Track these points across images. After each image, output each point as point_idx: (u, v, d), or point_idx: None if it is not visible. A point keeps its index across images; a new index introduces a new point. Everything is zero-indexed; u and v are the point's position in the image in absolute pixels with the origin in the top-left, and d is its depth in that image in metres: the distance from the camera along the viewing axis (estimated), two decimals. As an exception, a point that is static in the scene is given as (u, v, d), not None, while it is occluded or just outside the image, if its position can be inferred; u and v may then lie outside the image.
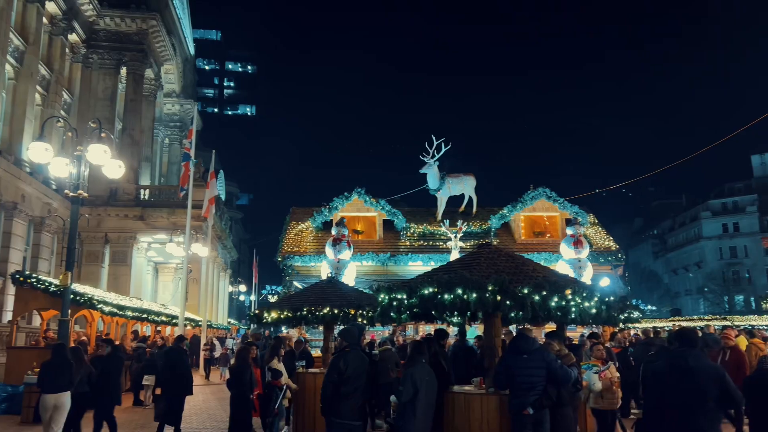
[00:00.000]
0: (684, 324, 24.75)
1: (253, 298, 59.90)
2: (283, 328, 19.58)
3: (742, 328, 17.39)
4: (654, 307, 68.71)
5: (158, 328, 23.08)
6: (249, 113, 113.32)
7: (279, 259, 21.93)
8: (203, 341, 22.58)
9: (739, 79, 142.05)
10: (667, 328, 22.41)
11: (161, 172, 43.87)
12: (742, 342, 12.22)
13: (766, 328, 24.12)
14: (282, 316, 10.76)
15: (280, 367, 9.34)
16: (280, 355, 9.72)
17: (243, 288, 59.86)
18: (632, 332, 17.51)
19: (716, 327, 19.26)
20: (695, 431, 4.62)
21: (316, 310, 10.31)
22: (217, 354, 22.39)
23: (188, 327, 24.41)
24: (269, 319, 11.03)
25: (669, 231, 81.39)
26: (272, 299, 44.95)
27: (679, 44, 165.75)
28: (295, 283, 21.00)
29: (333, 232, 19.41)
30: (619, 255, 22.99)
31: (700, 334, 15.77)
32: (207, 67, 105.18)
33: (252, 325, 24.18)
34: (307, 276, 20.99)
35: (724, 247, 69.11)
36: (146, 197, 32.89)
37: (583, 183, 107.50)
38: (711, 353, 9.44)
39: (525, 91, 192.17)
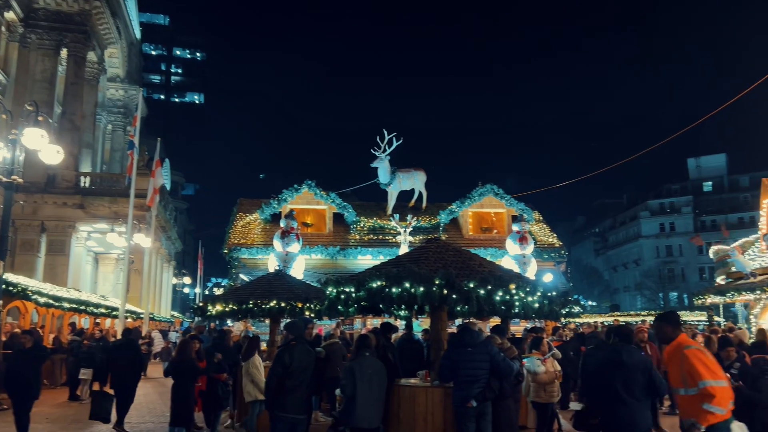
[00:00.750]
0: (622, 319, 25.69)
1: (197, 290, 58.72)
2: (228, 322, 19.28)
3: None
4: (594, 303, 70.96)
5: (97, 321, 22.33)
6: (197, 101, 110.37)
7: (225, 251, 21.50)
8: (143, 334, 21.92)
9: (684, 81, 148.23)
10: (607, 323, 23.22)
11: (103, 160, 42.33)
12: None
13: (697, 323, 25.35)
14: (227, 309, 10.60)
15: (260, 364, 9.09)
16: (260, 350, 9.60)
17: (188, 280, 58.62)
18: (588, 327, 18.06)
19: (651, 322, 20.10)
20: (629, 420, 4.90)
21: (263, 303, 10.19)
22: (157, 348, 21.77)
23: (129, 319, 23.69)
24: (214, 312, 10.84)
25: (610, 229, 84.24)
26: (218, 292, 44.15)
27: (624, 46, 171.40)
28: (242, 276, 20.67)
29: (282, 224, 19.16)
30: (562, 252, 23.65)
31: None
32: (154, 53, 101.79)
33: (196, 318, 23.69)
34: (254, 269, 20.67)
35: (660, 246, 72.03)
36: (87, 185, 31.71)
37: (531, 181, 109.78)
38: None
39: (479, 91, 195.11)
